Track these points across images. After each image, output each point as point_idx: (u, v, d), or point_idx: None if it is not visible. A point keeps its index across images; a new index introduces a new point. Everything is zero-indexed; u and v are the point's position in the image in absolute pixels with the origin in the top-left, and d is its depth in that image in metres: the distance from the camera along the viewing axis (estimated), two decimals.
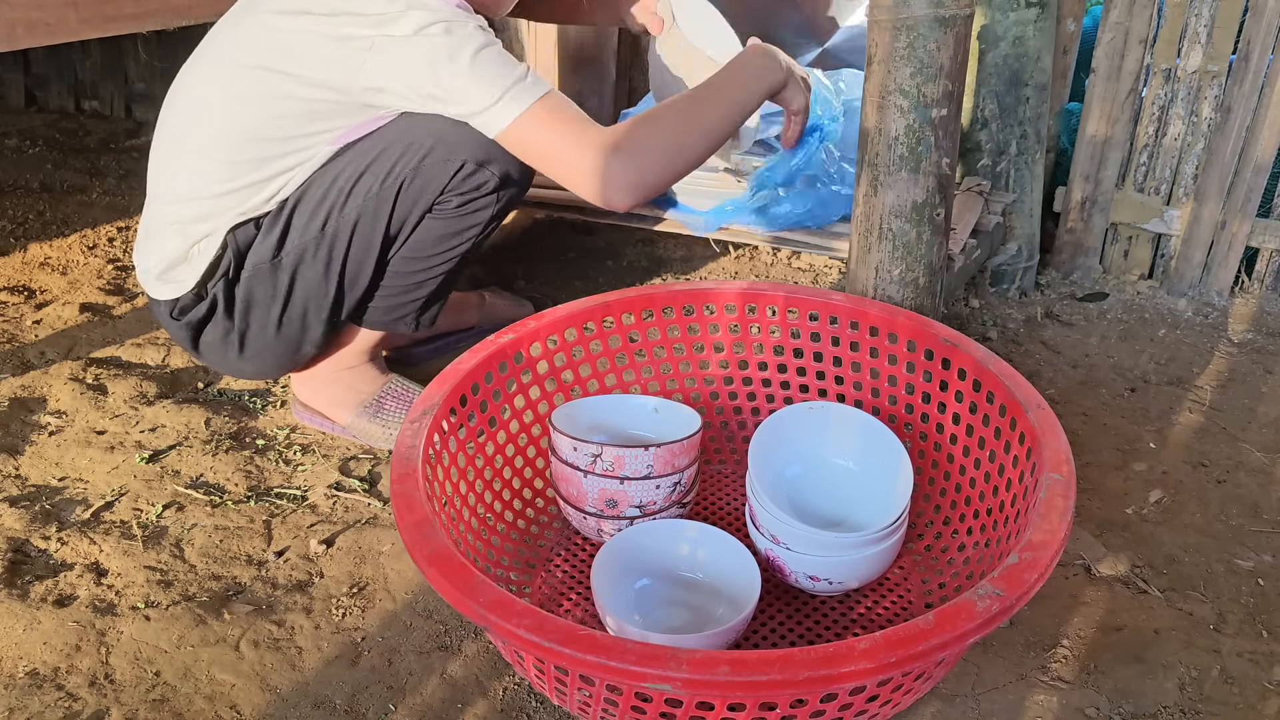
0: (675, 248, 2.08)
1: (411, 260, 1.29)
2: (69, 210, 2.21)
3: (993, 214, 1.75)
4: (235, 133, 1.21)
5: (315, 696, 1.01)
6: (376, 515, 1.27)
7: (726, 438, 1.35)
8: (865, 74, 1.28)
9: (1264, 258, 1.85)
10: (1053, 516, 0.88)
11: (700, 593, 1.07)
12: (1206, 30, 1.72)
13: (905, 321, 1.21)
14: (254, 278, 1.27)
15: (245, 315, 1.29)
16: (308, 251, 1.25)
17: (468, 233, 1.28)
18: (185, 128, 1.26)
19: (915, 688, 0.90)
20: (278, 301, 1.28)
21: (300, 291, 1.28)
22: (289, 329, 1.31)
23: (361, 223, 1.24)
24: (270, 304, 1.28)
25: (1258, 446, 1.42)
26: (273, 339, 1.31)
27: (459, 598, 0.81)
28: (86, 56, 2.91)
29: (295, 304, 1.29)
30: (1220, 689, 1.02)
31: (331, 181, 1.22)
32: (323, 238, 1.24)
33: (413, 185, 1.22)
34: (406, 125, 1.21)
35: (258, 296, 1.28)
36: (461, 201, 1.25)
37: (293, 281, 1.27)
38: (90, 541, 1.21)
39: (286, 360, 1.36)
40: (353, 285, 1.29)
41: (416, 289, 1.32)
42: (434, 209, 1.25)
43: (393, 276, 1.30)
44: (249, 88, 1.19)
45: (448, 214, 1.26)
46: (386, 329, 1.37)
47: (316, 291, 1.28)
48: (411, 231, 1.26)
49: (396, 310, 1.34)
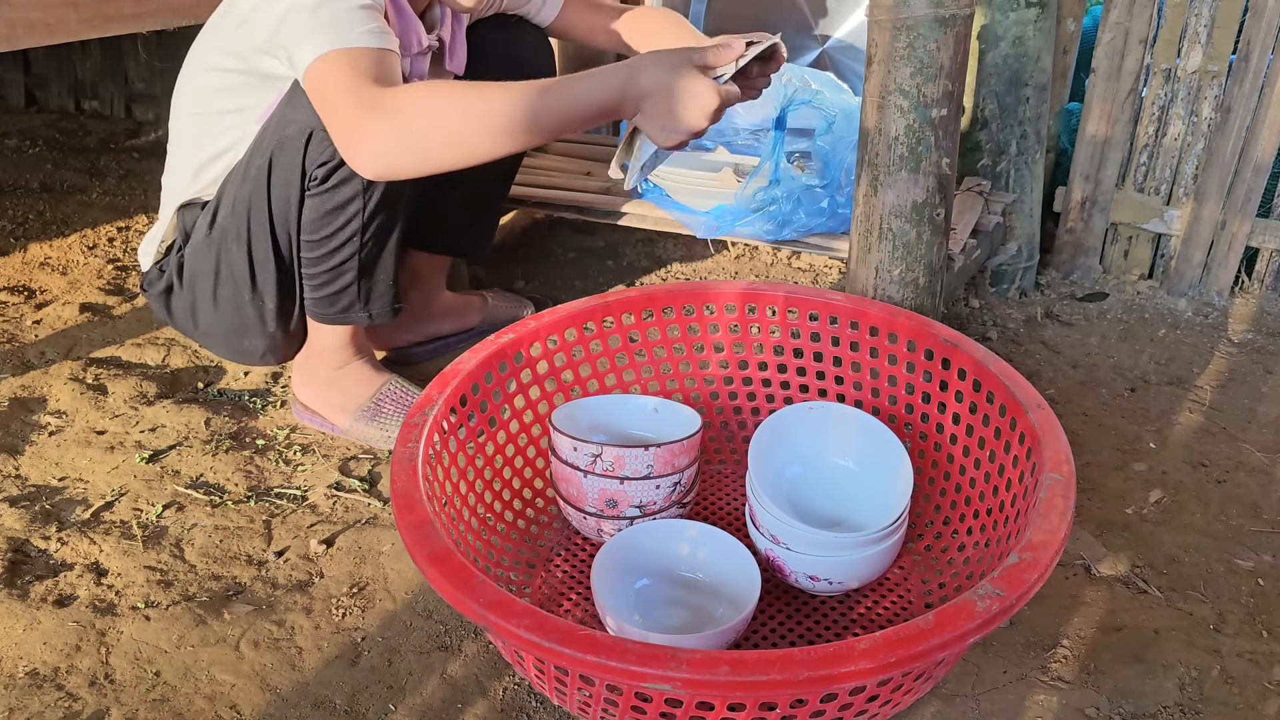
0: (675, 248, 2.08)
1: (314, 244, 1.27)
2: (69, 210, 2.21)
3: (993, 214, 1.75)
4: (186, 110, 1.31)
5: (315, 696, 1.01)
6: (376, 515, 1.27)
7: (726, 438, 1.35)
8: (865, 74, 1.28)
9: (1264, 258, 1.85)
10: (1053, 516, 0.88)
11: (700, 593, 1.07)
12: (1206, 30, 1.72)
13: (905, 321, 1.21)
14: (194, 253, 1.33)
15: (191, 289, 1.35)
16: (228, 231, 1.29)
17: (349, 208, 1.24)
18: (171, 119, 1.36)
19: (915, 688, 0.90)
20: (210, 277, 1.33)
21: (224, 270, 1.31)
22: (225, 307, 1.34)
23: (253, 203, 1.26)
24: (206, 279, 1.33)
25: (1258, 446, 1.42)
26: (214, 316, 1.35)
27: (459, 598, 0.81)
28: (86, 56, 2.91)
29: (224, 283, 1.32)
30: (1220, 689, 1.02)
31: (247, 162, 1.26)
32: (233, 217, 1.28)
33: (280, 162, 1.22)
34: (284, 101, 1.22)
35: (197, 270, 1.34)
36: (325, 175, 1.21)
37: (218, 259, 1.31)
38: (90, 541, 1.21)
39: (237, 344, 1.38)
40: (261, 266, 1.29)
41: (337, 275, 1.29)
42: (308, 187, 1.23)
43: (308, 263, 1.29)
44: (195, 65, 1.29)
45: (317, 190, 1.23)
46: (337, 321, 1.35)
47: (236, 271, 1.30)
48: (299, 212, 1.25)
49: (335, 301, 1.32)
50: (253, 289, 1.31)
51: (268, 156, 1.23)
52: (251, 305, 1.32)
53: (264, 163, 1.23)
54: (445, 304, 1.65)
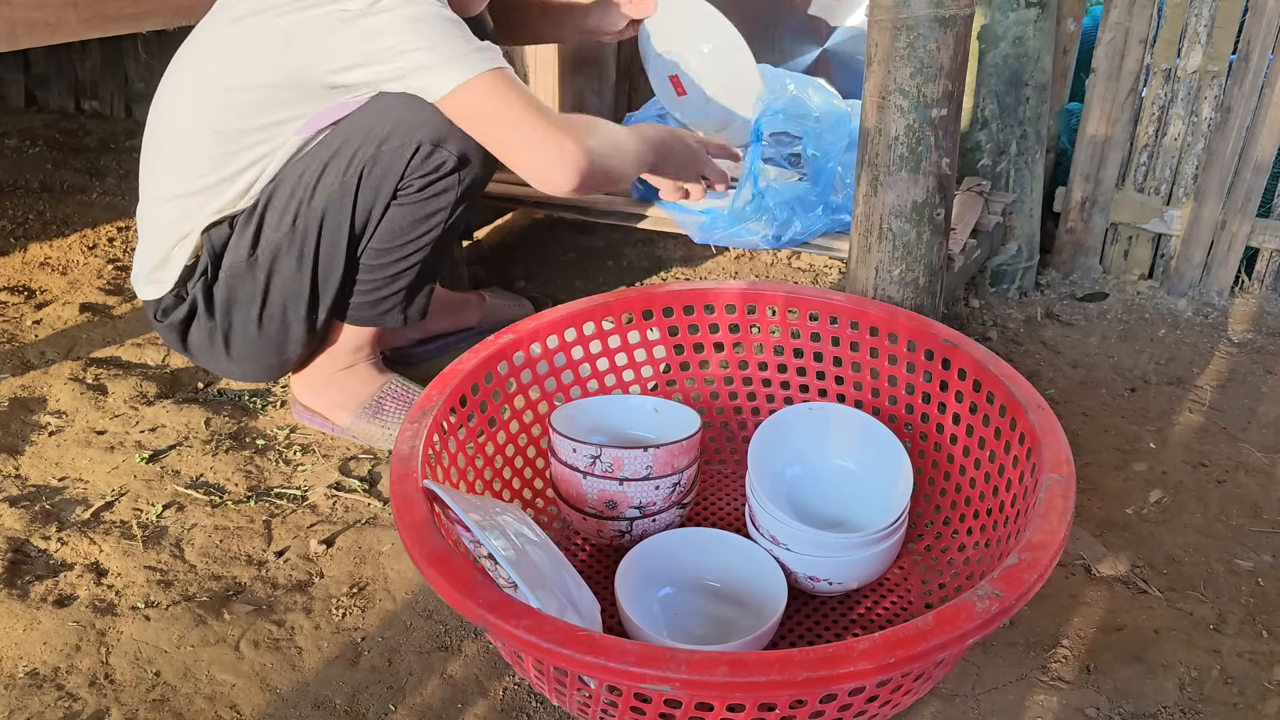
0: (675, 248, 2.08)
1: (383, 251, 1.28)
2: (69, 210, 2.21)
3: (993, 214, 1.75)
4: (201, 129, 1.24)
5: (315, 696, 1.01)
6: (376, 515, 1.27)
7: (726, 438, 1.35)
8: (865, 74, 1.28)
9: (1264, 258, 1.85)
10: (1053, 517, 0.88)
11: (725, 601, 1.06)
12: (1206, 30, 1.72)
13: (905, 321, 1.21)
14: (232, 277, 1.29)
15: (227, 315, 1.31)
16: (281, 248, 1.26)
17: (435, 218, 1.27)
18: (163, 130, 1.29)
19: (915, 688, 0.90)
20: (256, 300, 1.29)
21: (277, 289, 1.29)
22: (270, 327, 1.31)
23: (328, 216, 1.24)
24: (250, 303, 1.30)
25: (1258, 446, 1.42)
26: (256, 338, 1.32)
27: (458, 598, 0.81)
28: (86, 56, 2.91)
29: (273, 302, 1.29)
30: (1220, 689, 1.02)
31: (299, 177, 1.24)
32: (294, 233, 1.25)
33: (373, 173, 1.22)
34: (365, 113, 1.21)
35: (237, 296, 1.29)
36: (423, 185, 1.24)
37: (269, 279, 1.28)
38: (90, 541, 1.21)
39: (273, 361, 1.36)
40: (326, 280, 1.29)
41: (394, 280, 1.31)
42: (398, 196, 1.24)
43: (368, 270, 1.30)
44: (212, 83, 1.23)
45: (411, 200, 1.25)
46: (373, 324, 1.36)
47: (292, 288, 1.28)
48: (379, 221, 1.26)
49: (380, 304, 1.33)
50: (310, 303, 1.30)
51: (358, 171, 1.21)
52: (305, 320, 1.31)
53: (353, 177, 1.22)
54: (444, 303, 1.65)
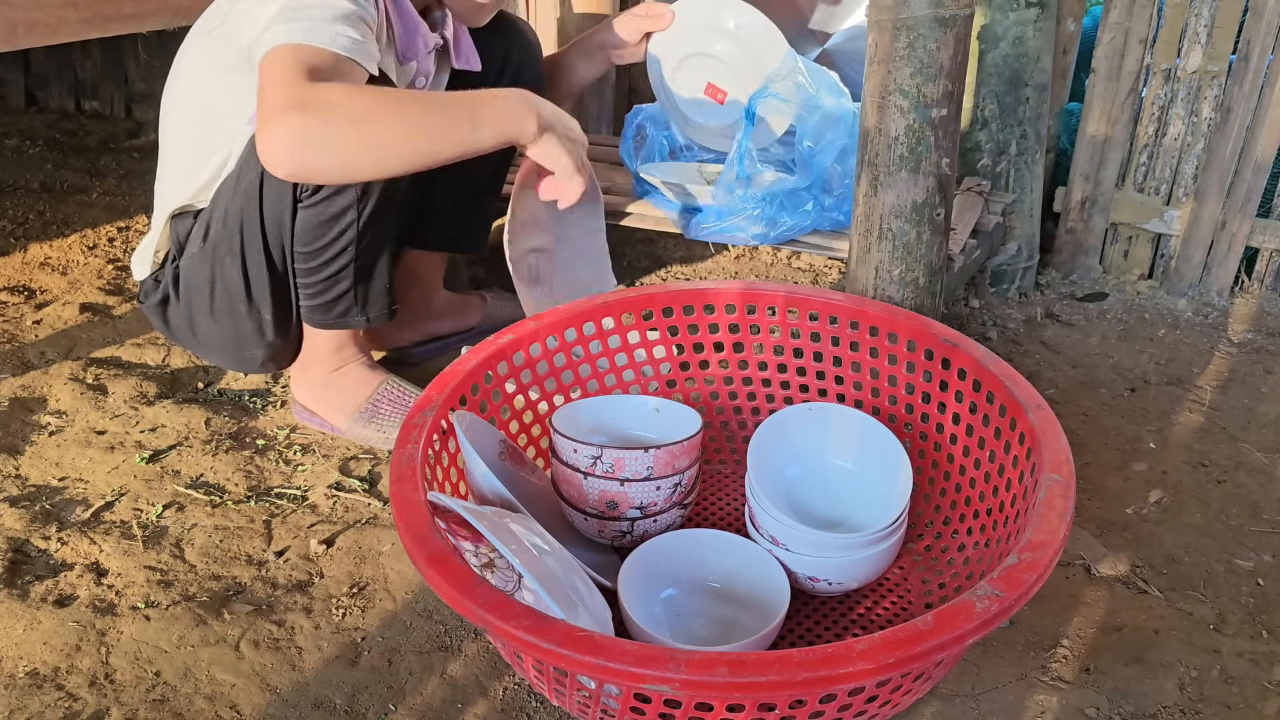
0: (675, 248, 2.08)
1: (308, 255, 1.26)
2: (69, 210, 2.22)
3: (993, 214, 1.75)
4: (175, 116, 1.30)
5: (315, 696, 1.01)
6: (376, 515, 1.27)
7: (726, 438, 1.35)
8: (865, 74, 1.28)
9: (1264, 258, 1.85)
10: (1052, 517, 0.88)
11: (727, 603, 1.06)
12: (1206, 30, 1.72)
13: (905, 321, 1.21)
14: (189, 264, 1.32)
15: (188, 302, 1.34)
16: (219, 244, 1.28)
17: (344, 218, 1.22)
18: (162, 124, 1.35)
19: (914, 688, 0.90)
20: (206, 291, 1.31)
21: (219, 283, 1.30)
22: (221, 319, 1.33)
23: (245, 215, 1.25)
24: (201, 292, 1.32)
25: (1258, 446, 1.42)
26: (214, 328, 1.34)
27: (458, 599, 0.81)
28: (86, 56, 2.91)
29: (219, 295, 1.31)
30: (1220, 689, 1.02)
31: (237, 174, 1.25)
32: (225, 230, 1.26)
33: (271, 176, 1.19)
34: None
35: (193, 282, 1.32)
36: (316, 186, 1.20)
37: (213, 271, 1.30)
38: (90, 541, 1.21)
39: (238, 354, 1.37)
40: (255, 278, 1.28)
41: (333, 283, 1.29)
42: (300, 199, 1.22)
43: (303, 273, 1.29)
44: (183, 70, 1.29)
45: (312, 201, 1.21)
46: (335, 326, 1.35)
47: (231, 283, 1.29)
48: (292, 224, 1.24)
49: (332, 307, 1.32)
50: (248, 301, 1.30)
51: (259, 171, 1.20)
52: (249, 317, 1.31)
53: (255, 177, 1.21)
54: (444, 303, 1.65)
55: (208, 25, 1.27)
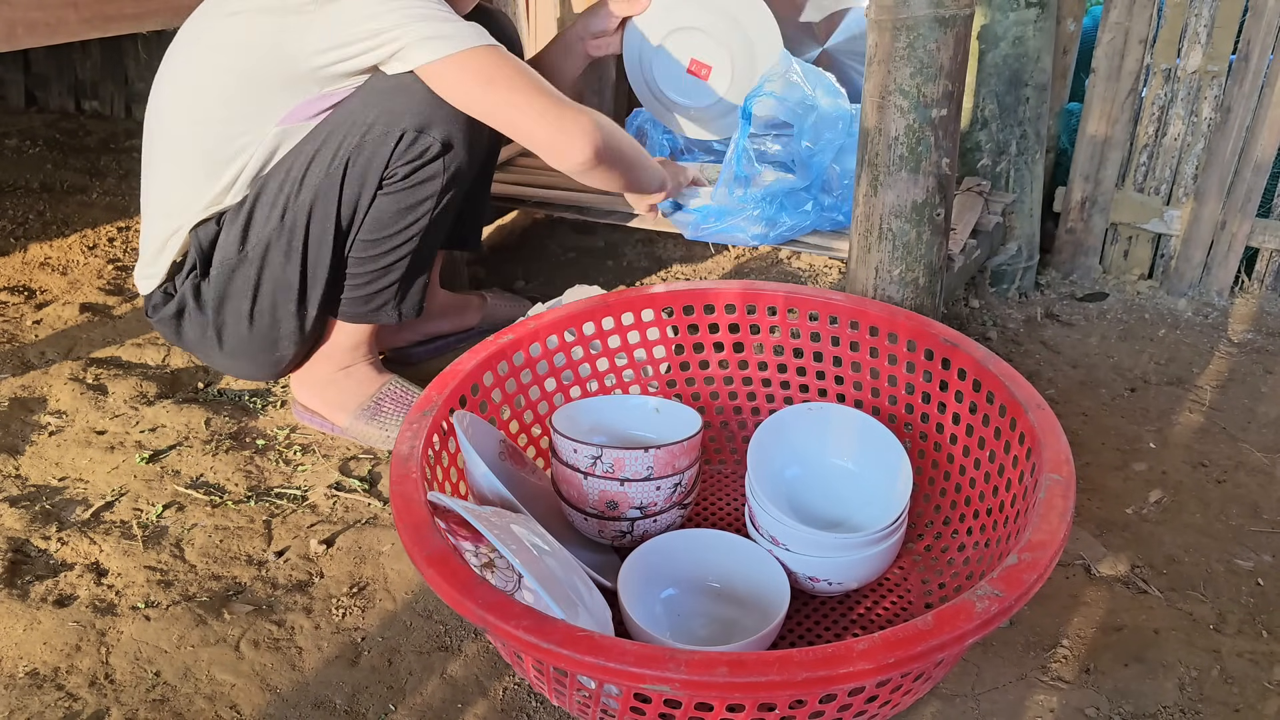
0: (675, 248, 2.08)
1: (371, 244, 1.28)
2: (69, 210, 2.22)
3: (993, 214, 1.75)
4: (186, 119, 1.26)
5: (315, 696, 1.01)
6: (376, 515, 1.27)
7: (726, 438, 1.35)
8: (865, 74, 1.28)
9: (1264, 258, 1.85)
10: (1052, 516, 0.88)
11: (727, 603, 1.06)
12: (1206, 30, 1.72)
13: (905, 321, 1.21)
14: (223, 273, 1.29)
15: (219, 312, 1.32)
16: (270, 243, 1.26)
17: (422, 206, 1.27)
18: (156, 123, 1.31)
19: (914, 688, 0.90)
20: (247, 295, 1.30)
21: (267, 284, 1.29)
22: (261, 323, 1.32)
23: (316, 208, 1.24)
24: (240, 298, 1.30)
25: (1258, 446, 1.42)
26: (247, 335, 1.33)
27: (458, 599, 0.81)
28: (86, 56, 2.91)
29: (264, 297, 1.30)
30: (1220, 689, 1.02)
31: (287, 172, 1.24)
32: (282, 227, 1.26)
33: (358, 162, 1.22)
34: (350, 104, 1.22)
35: (228, 291, 1.30)
36: (408, 173, 1.24)
37: (259, 274, 1.28)
38: (90, 541, 1.21)
39: (266, 358, 1.36)
40: (315, 274, 1.29)
41: (384, 274, 1.31)
42: (383, 185, 1.24)
43: (357, 264, 1.30)
44: (198, 73, 1.25)
45: (397, 189, 1.24)
46: (367, 320, 1.36)
47: (282, 283, 1.29)
48: (366, 212, 1.25)
49: (372, 300, 1.33)
50: (300, 298, 1.30)
51: (343, 161, 1.21)
52: (295, 316, 1.31)
53: (338, 167, 1.22)
54: (443, 303, 1.65)
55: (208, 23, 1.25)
